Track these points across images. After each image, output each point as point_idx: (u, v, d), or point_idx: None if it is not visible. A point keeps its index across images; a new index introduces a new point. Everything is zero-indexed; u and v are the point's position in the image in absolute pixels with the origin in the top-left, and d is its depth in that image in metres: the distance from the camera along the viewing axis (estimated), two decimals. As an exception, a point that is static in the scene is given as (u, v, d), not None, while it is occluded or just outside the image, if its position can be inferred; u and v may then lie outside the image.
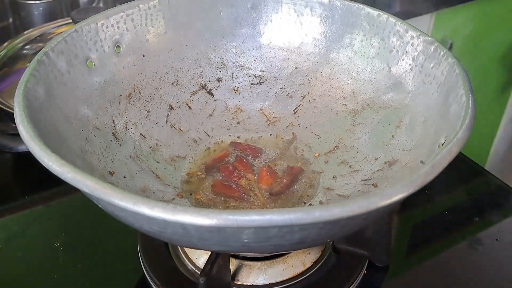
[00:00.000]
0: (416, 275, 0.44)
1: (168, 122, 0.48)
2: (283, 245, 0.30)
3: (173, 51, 0.49)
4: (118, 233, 0.47)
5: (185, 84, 0.50)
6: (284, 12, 0.50)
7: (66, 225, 0.49)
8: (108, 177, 0.40)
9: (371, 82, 0.47)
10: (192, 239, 0.29)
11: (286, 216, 0.25)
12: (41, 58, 0.38)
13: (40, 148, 0.29)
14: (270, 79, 0.51)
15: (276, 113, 0.51)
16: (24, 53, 0.66)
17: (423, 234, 0.48)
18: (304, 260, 0.42)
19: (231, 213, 0.25)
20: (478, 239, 0.48)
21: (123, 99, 0.45)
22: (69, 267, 0.44)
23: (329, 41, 0.49)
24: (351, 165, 0.45)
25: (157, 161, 0.45)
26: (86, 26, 0.43)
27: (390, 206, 0.28)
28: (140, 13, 0.46)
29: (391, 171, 0.41)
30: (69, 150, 0.37)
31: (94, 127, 0.42)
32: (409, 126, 0.42)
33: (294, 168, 0.46)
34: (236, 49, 0.51)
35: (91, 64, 0.43)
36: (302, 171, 0.46)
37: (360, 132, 0.46)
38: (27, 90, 0.35)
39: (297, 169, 0.46)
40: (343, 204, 0.26)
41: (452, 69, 0.38)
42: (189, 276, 0.42)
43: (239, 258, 0.42)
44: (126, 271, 0.45)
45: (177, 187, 0.44)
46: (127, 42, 0.46)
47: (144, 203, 0.26)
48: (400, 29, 0.44)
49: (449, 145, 0.30)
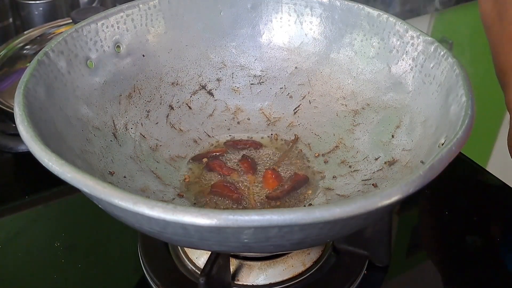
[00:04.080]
0: (416, 275, 0.44)
1: (168, 122, 0.48)
2: (283, 245, 0.30)
3: (173, 51, 0.49)
4: (118, 233, 0.47)
5: (185, 84, 0.50)
6: (284, 12, 0.50)
7: (66, 225, 0.49)
8: (108, 177, 0.40)
9: (371, 82, 0.47)
10: (192, 239, 0.29)
11: (286, 216, 0.25)
12: (41, 58, 0.38)
13: (40, 148, 0.29)
14: (270, 79, 0.51)
15: (276, 113, 0.51)
16: (24, 53, 0.66)
17: (423, 234, 0.48)
18: (304, 260, 0.42)
19: (231, 213, 0.25)
20: (478, 239, 0.48)
21: (123, 99, 0.45)
22: (69, 267, 0.44)
23: (329, 41, 0.49)
24: (351, 165, 0.45)
25: (157, 161, 0.45)
26: (86, 26, 0.43)
27: (390, 206, 0.28)
28: (140, 13, 0.46)
29: (391, 171, 0.41)
30: (69, 150, 0.37)
31: (94, 127, 0.42)
32: (409, 126, 0.42)
33: (299, 175, 0.46)
34: (236, 49, 0.51)
35: (91, 64, 0.43)
36: (307, 179, 0.45)
37: (360, 132, 0.46)
38: (27, 90, 0.35)
39: (302, 176, 0.45)
40: (343, 204, 0.26)
41: (452, 69, 0.38)
42: (189, 276, 0.42)
43: (239, 258, 0.42)
44: (126, 271, 0.45)
45: (177, 187, 0.44)
46: (127, 42, 0.46)
47: (144, 203, 0.26)
48: (400, 29, 0.44)
49: (449, 145, 0.30)
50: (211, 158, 0.47)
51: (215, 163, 0.46)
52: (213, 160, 0.47)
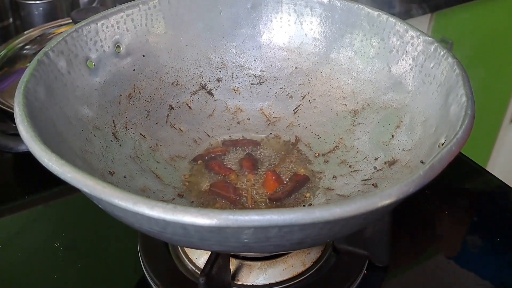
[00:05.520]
0: (416, 275, 0.44)
1: (168, 122, 0.48)
2: (283, 245, 0.30)
3: (173, 51, 0.49)
4: (118, 233, 0.47)
5: (185, 84, 0.50)
6: (284, 12, 0.50)
7: (66, 225, 0.49)
8: (108, 177, 0.40)
9: (371, 82, 0.47)
10: (192, 239, 0.29)
11: (286, 216, 0.25)
12: (41, 58, 0.38)
13: (40, 148, 0.29)
14: (270, 79, 0.51)
15: (276, 113, 0.51)
16: (24, 53, 0.66)
17: (423, 234, 0.48)
18: (304, 260, 0.42)
19: (231, 213, 0.25)
20: (478, 239, 0.48)
21: (123, 99, 0.45)
22: (69, 267, 0.44)
23: (329, 41, 0.49)
24: (351, 165, 0.45)
25: (157, 161, 0.45)
26: (86, 26, 0.43)
27: (390, 206, 0.28)
28: (140, 13, 0.46)
29: (391, 171, 0.41)
30: (69, 150, 0.37)
31: (94, 127, 0.42)
32: (409, 126, 0.42)
33: (300, 175, 0.46)
34: (236, 49, 0.51)
35: (91, 64, 0.43)
36: (307, 179, 0.45)
37: (360, 132, 0.46)
38: (27, 90, 0.35)
39: (303, 177, 0.45)
40: (343, 204, 0.26)
41: (452, 69, 0.38)
42: (189, 276, 0.42)
43: (239, 258, 0.42)
44: (126, 271, 0.45)
45: (177, 187, 0.44)
46: (127, 42, 0.46)
47: (144, 203, 0.26)
48: (400, 29, 0.44)
49: (449, 145, 0.30)
50: (210, 158, 0.47)
51: (214, 163, 0.46)
52: (212, 160, 0.47)
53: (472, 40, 1.15)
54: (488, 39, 1.18)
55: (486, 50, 1.19)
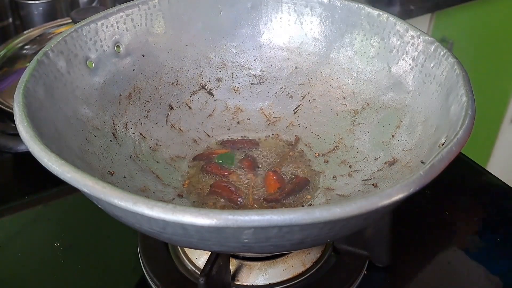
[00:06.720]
0: (416, 275, 0.44)
1: (168, 122, 0.48)
2: (283, 245, 0.30)
3: (173, 51, 0.49)
4: (118, 233, 0.47)
5: (185, 84, 0.49)
6: (284, 12, 0.50)
7: (66, 225, 0.49)
8: (108, 177, 0.40)
9: (371, 82, 0.47)
10: (192, 239, 0.29)
11: (286, 216, 0.25)
12: (41, 58, 0.38)
13: (40, 148, 0.29)
14: (270, 79, 0.51)
15: (276, 113, 0.51)
16: (24, 53, 0.66)
17: (423, 234, 0.48)
18: (304, 260, 0.42)
19: (231, 213, 0.25)
20: (478, 239, 0.48)
21: (123, 99, 0.45)
22: (69, 267, 0.44)
23: (329, 41, 0.49)
24: (351, 165, 0.45)
25: (157, 161, 0.45)
26: (86, 26, 0.43)
27: (390, 206, 0.28)
28: (140, 13, 0.46)
29: (391, 171, 0.41)
30: (69, 150, 0.37)
31: (94, 127, 0.42)
32: (409, 126, 0.42)
33: (300, 178, 0.45)
34: (236, 49, 0.51)
35: (91, 64, 0.43)
36: (307, 182, 0.45)
37: (360, 132, 0.46)
38: (27, 90, 0.35)
39: (303, 179, 0.45)
40: (343, 204, 0.26)
41: (452, 69, 0.38)
42: (189, 276, 0.42)
43: (239, 258, 0.42)
44: (126, 271, 0.45)
45: (177, 187, 0.44)
46: (127, 42, 0.46)
47: (144, 203, 0.26)
48: (400, 29, 0.44)
49: (449, 145, 0.30)
50: (210, 159, 0.47)
51: (214, 164, 0.46)
52: (212, 160, 0.47)
53: (472, 40, 1.15)
54: (488, 39, 1.18)
55: (486, 50, 1.19)
